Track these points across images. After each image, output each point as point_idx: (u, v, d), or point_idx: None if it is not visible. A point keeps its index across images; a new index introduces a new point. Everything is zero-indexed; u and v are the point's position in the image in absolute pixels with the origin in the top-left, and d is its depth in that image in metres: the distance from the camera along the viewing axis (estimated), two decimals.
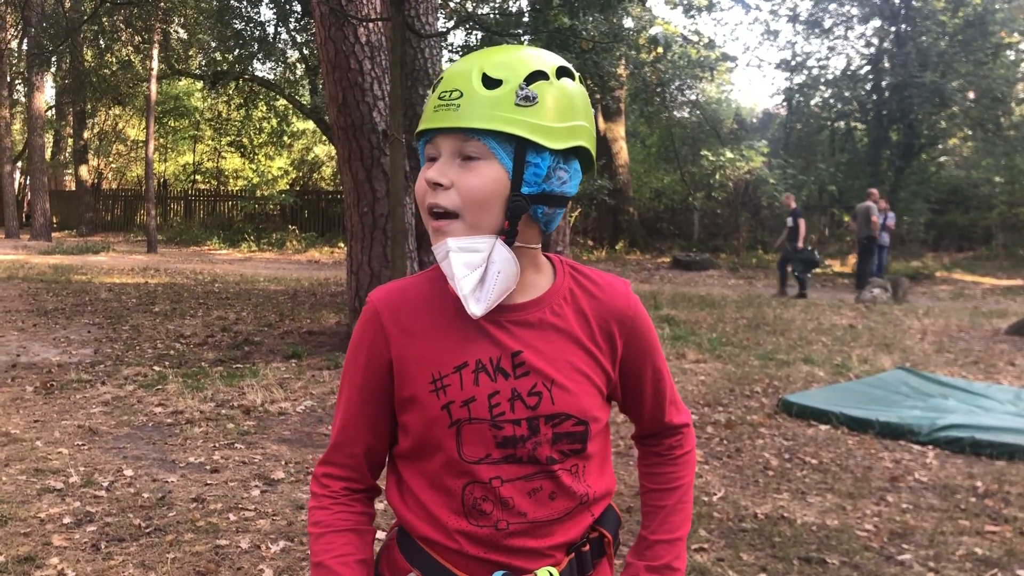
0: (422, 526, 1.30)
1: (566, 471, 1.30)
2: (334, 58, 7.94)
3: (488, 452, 1.26)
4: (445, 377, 1.26)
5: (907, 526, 4.26)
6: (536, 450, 1.26)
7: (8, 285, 13.45)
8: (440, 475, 1.28)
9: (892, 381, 7.19)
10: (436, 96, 1.22)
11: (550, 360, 1.28)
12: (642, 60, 18.13)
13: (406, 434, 1.32)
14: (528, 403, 1.26)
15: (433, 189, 1.22)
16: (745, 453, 5.48)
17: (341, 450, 1.35)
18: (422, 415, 1.27)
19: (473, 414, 1.25)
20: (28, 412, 6.00)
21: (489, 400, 1.25)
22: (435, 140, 1.23)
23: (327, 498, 1.35)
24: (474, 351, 1.26)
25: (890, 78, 22.23)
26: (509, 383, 1.26)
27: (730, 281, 18.45)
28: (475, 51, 1.31)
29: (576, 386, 1.29)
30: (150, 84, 22.70)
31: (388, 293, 1.33)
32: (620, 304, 1.35)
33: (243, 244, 25.53)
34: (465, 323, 1.27)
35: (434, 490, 1.29)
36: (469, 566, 1.28)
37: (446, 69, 1.26)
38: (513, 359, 1.27)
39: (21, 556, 3.58)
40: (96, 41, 24.84)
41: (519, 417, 1.26)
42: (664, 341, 9.44)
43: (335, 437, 1.36)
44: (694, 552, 3.85)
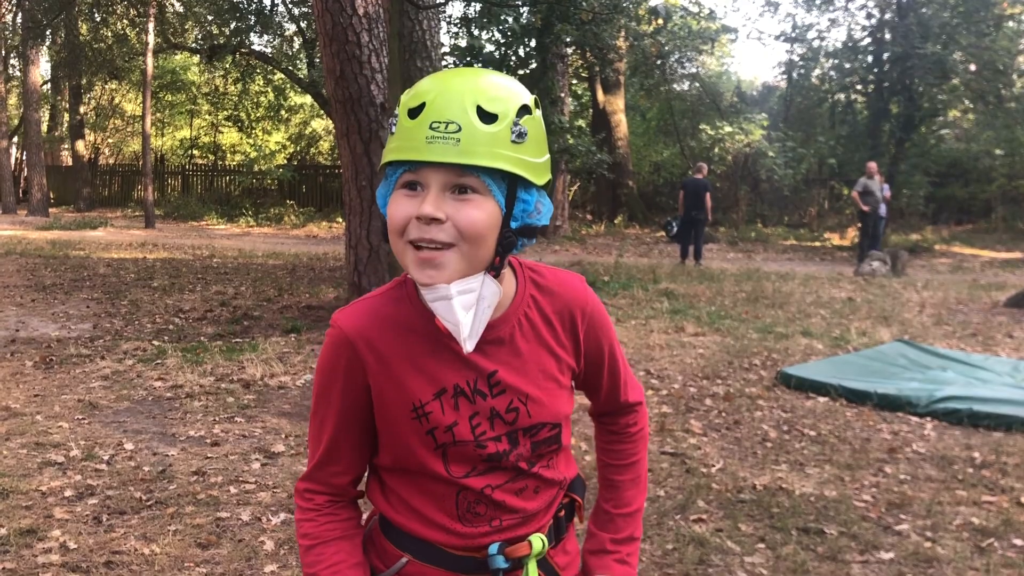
0: (414, 526, 1.35)
1: (544, 467, 1.37)
2: (331, 30, 7.88)
3: (474, 466, 1.31)
4: (426, 405, 1.28)
5: (905, 497, 4.28)
6: (518, 461, 1.33)
7: (6, 261, 13.43)
8: (430, 486, 1.33)
9: (891, 353, 7.21)
10: (426, 125, 1.17)
11: (523, 374, 1.32)
12: (642, 32, 18.00)
13: (389, 451, 1.35)
14: (506, 419, 1.31)
15: (427, 224, 1.18)
16: (744, 425, 5.50)
17: (324, 470, 1.37)
18: (404, 438, 1.30)
19: (457, 437, 1.29)
20: (28, 386, 6.01)
21: (471, 422, 1.29)
22: (421, 170, 1.19)
23: (312, 511, 1.37)
24: (451, 376, 1.29)
25: (891, 50, 22.07)
26: (487, 403, 1.30)
27: (729, 255, 18.44)
28: (447, 72, 1.26)
29: (548, 394, 1.34)
30: (146, 58, 22.52)
31: (356, 318, 1.31)
32: (579, 300, 1.38)
33: (241, 219, 25.47)
34: (438, 346, 1.29)
35: (425, 496, 1.33)
36: (463, 544, 1.34)
37: (425, 91, 1.20)
38: (489, 380, 1.30)
39: (23, 529, 3.60)
40: (91, 14, 24.60)
41: (499, 433, 1.31)
42: (663, 315, 9.45)
43: (318, 458, 1.36)
44: (693, 523, 3.88)
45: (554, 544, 1.42)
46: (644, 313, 9.53)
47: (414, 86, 1.24)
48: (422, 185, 1.20)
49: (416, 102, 1.19)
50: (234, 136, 34.17)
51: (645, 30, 18.07)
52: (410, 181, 1.21)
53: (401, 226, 1.21)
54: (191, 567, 3.35)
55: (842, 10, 25.21)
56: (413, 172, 1.20)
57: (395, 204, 1.22)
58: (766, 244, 20.95)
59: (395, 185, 1.23)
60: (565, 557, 1.46)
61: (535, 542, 1.35)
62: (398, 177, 1.22)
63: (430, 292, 1.22)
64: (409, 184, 1.21)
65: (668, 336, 8.28)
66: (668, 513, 4.00)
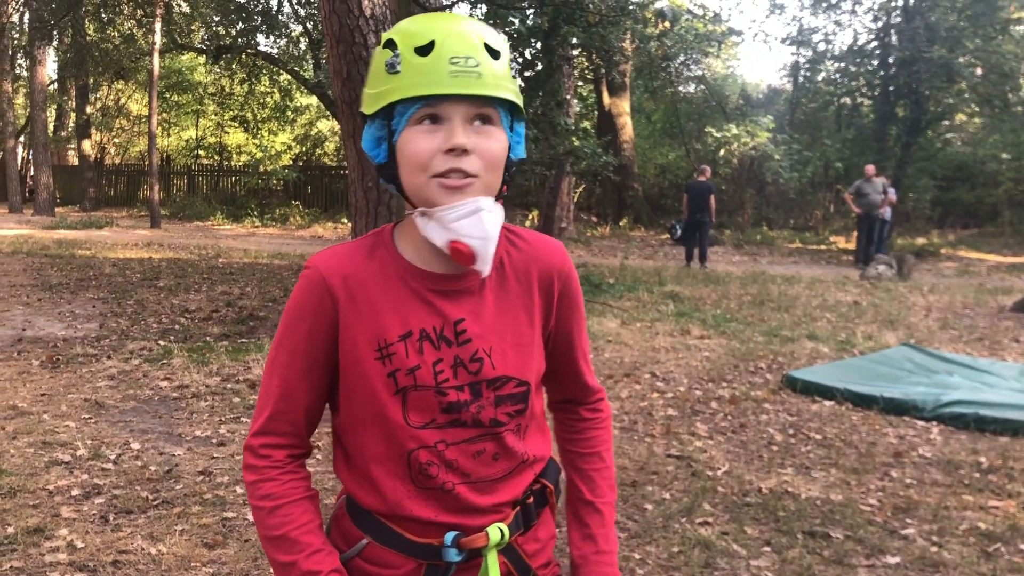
0: (369, 499, 1.33)
1: (511, 432, 1.34)
2: (338, 31, 7.88)
3: (433, 417, 1.29)
4: (391, 345, 1.28)
5: (911, 501, 4.27)
6: (480, 413, 1.30)
7: (12, 260, 13.47)
8: (386, 442, 1.30)
9: (897, 357, 7.19)
10: (445, 60, 1.19)
11: (490, 326, 1.32)
12: (648, 34, 17.98)
13: (349, 401, 1.32)
14: (470, 369, 1.30)
15: (457, 155, 1.21)
16: (749, 428, 5.49)
17: (282, 417, 1.33)
18: (367, 382, 1.29)
19: (419, 381, 1.28)
20: (35, 386, 6.02)
21: (434, 367, 1.28)
22: (442, 104, 1.21)
23: (272, 468, 1.32)
24: (417, 320, 1.29)
25: (898, 53, 22.01)
26: (452, 351, 1.29)
27: (734, 257, 18.42)
28: (436, 15, 1.28)
29: (515, 349, 1.34)
30: (153, 58, 22.57)
31: (333, 259, 1.31)
32: (557, 260, 1.39)
33: (246, 219, 25.50)
34: (407, 292, 1.30)
35: (381, 461, 1.31)
36: (421, 530, 1.31)
37: (429, 30, 1.23)
38: (455, 327, 1.30)
39: (30, 527, 3.61)
40: (98, 15, 24.60)
41: (462, 383, 1.29)
42: (668, 317, 9.45)
43: (273, 405, 1.32)
44: (699, 526, 3.87)
45: (523, 531, 1.39)
46: (650, 316, 9.53)
47: (401, 28, 1.26)
48: (443, 119, 1.22)
49: (423, 40, 1.21)
50: (240, 136, 34.22)
51: (652, 32, 18.04)
52: (431, 115, 1.22)
53: (426, 160, 1.22)
54: (198, 567, 3.35)
55: (848, 13, 25.16)
56: (432, 106, 1.22)
57: (415, 140, 1.23)
58: (771, 247, 20.93)
59: (408, 122, 1.23)
60: (535, 544, 1.43)
61: (492, 533, 1.32)
62: (412, 114, 1.23)
63: (456, 208, 1.21)
64: (430, 117, 1.22)
65: (674, 339, 8.27)
66: (674, 516, 4.00)
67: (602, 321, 9.01)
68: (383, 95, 1.24)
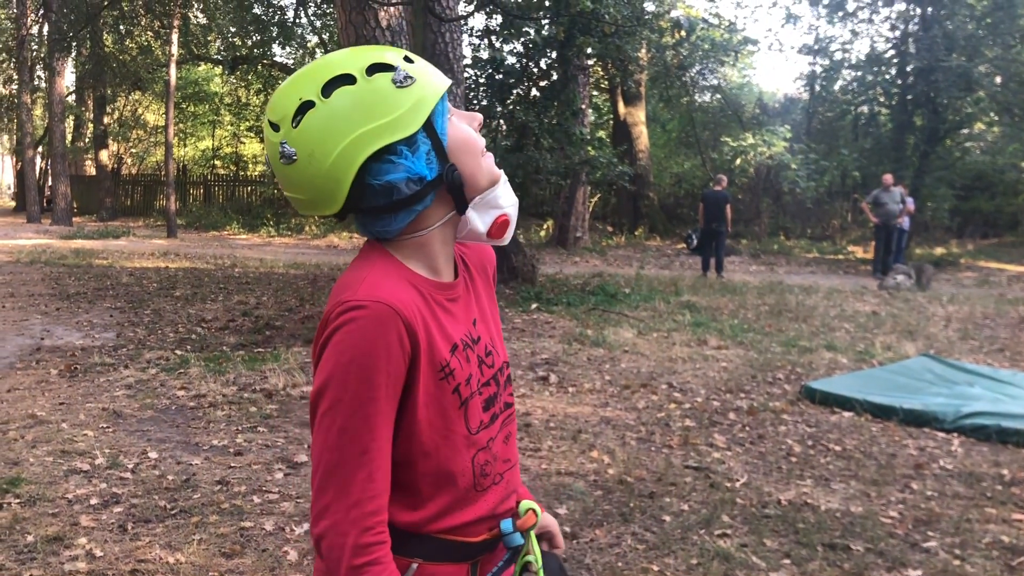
0: (431, 522, 1.30)
1: (513, 410, 1.45)
2: (355, 43, 7.92)
3: (481, 419, 1.33)
4: (448, 363, 1.28)
5: (932, 513, 4.23)
6: (502, 400, 1.39)
7: (31, 269, 13.56)
8: (453, 458, 1.29)
9: (916, 368, 7.13)
10: (431, 65, 1.31)
11: (486, 320, 1.41)
12: (664, 44, 17.98)
13: (417, 430, 1.26)
14: (487, 363, 1.37)
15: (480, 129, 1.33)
16: (768, 440, 5.45)
17: (378, 478, 1.21)
18: (437, 405, 1.27)
19: (472, 388, 1.32)
20: (53, 395, 6.05)
21: (477, 371, 1.34)
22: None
23: (380, 547, 1.20)
24: (454, 332, 1.31)
25: (915, 62, 21.89)
26: (476, 351, 1.35)
27: (751, 267, 18.35)
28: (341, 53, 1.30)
29: (500, 335, 1.44)
30: (169, 69, 22.74)
31: (390, 290, 1.22)
32: (490, 256, 1.50)
33: (262, 229, 25.60)
34: (436, 307, 1.30)
35: (449, 478, 1.29)
36: (474, 531, 1.34)
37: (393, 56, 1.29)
38: (474, 327, 1.37)
39: (50, 536, 3.62)
40: (116, 26, 24.87)
41: (487, 378, 1.36)
42: (685, 327, 9.41)
43: (369, 467, 1.19)
44: (718, 538, 3.85)
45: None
46: (666, 326, 9.49)
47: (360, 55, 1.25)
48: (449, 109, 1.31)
49: (401, 52, 1.27)
50: (256, 147, 34.43)
51: (667, 42, 18.04)
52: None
53: (477, 143, 1.31)
54: None
55: (865, 22, 25.08)
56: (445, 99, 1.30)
57: (462, 127, 1.30)
58: (788, 257, 20.83)
59: (447, 119, 1.28)
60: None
61: (538, 511, 1.41)
62: (446, 110, 1.28)
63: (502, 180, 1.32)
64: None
65: (691, 349, 8.24)
66: (692, 528, 3.97)
67: (618, 331, 8.98)
68: (420, 104, 1.23)
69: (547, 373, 6.98)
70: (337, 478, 1.19)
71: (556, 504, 4.20)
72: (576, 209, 21.02)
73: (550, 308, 10.48)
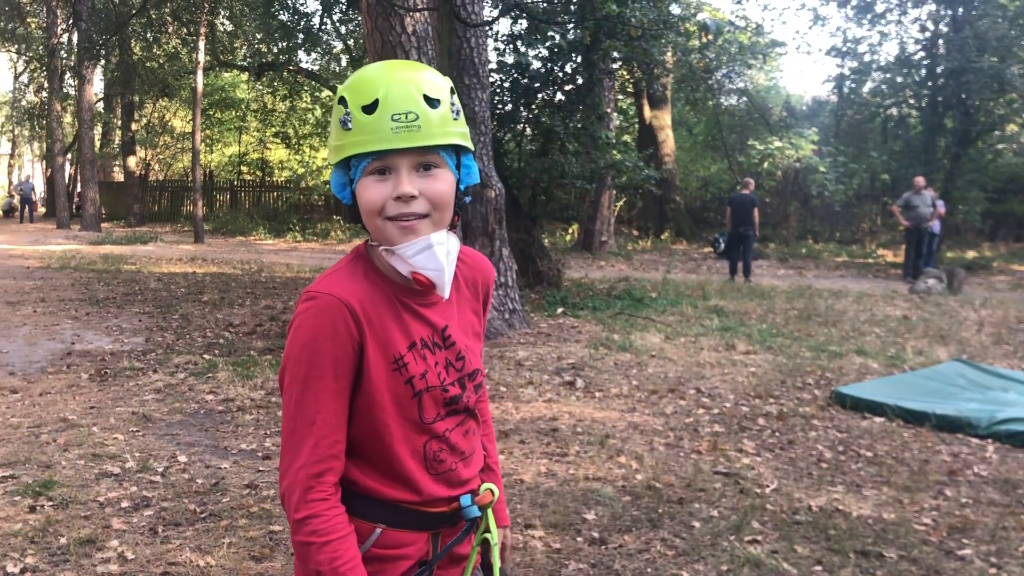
0: (390, 491, 1.47)
1: (476, 410, 1.60)
2: (381, 49, 7.94)
3: (439, 412, 1.50)
4: (404, 356, 1.45)
5: (967, 521, 4.16)
6: (467, 401, 1.55)
7: (61, 275, 13.73)
8: (405, 441, 1.46)
9: (949, 373, 7.03)
10: (387, 118, 1.36)
11: (462, 328, 1.56)
12: (690, 47, 17.88)
13: (370, 410, 1.44)
14: (456, 367, 1.53)
15: (406, 201, 1.39)
16: (798, 445, 5.39)
17: (324, 443, 1.40)
18: (388, 392, 1.44)
19: (429, 383, 1.47)
20: (84, 398, 6.11)
21: (436, 369, 1.49)
22: (389, 157, 1.38)
23: (320, 502, 1.39)
24: (416, 331, 1.48)
25: (946, 63, 21.62)
26: (443, 354, 1.51)
27: (779, 271, 18.20)
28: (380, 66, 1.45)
29: (477, 346, 1.60)
30: (196, 76, 22.96)
31: (341, 284, 1.42)
32: (489, 275, 1.66)
33: (288, 234, 25.78)
34: (401, 308, 1.47)
35: (401, 457, 1.46)
36: (433, 504, 1.51)
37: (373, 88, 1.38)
38: (443, 333, 1.51)
39: (83, 538, 3.65)
40: (144, 34, 25.14)
41: (454, 379, 1.52)
42: (713, 332, 9.34)
43: (316, 435, 1.39)
44: (748, 544, 3.80)
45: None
46: (694, 330, 9.43)
47: (350, 85, 1.42)
48: (391, 169, 1.39)
49: (368, 99, 1.38)
50: (282, 152, 34.68)
51: (694, 45, 17.94)
52: (379, 168, 1.39)
53: (378, 207, 1.40)
54: None
55: (894, 24, 24.82)
56: (380, 160, 1.39)
57: (368, 190, 1.40)
58: (817, 261, 20.65)
59: (362, 173, 1.41)
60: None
61: (494, 490, 1.60)
62: (365, 166, 1.40)
63: (411, 246, 1.41)
64: (378, 171, 1.40)
65: (719, 354, 8.17)
66: (722, 534, 3.93)
67: (645, 336, 8.93)
68: (340, 149, 1.41)
69: (573, 378, 6.96)
70: (292, 444, 1.41)
71: (584, 509, 4.17)
72: (601, 213, 20.97)
73: (576, 313, 10.45)
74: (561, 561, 3.63)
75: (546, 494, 4.37)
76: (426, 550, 1.52)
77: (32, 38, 31.99)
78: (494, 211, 8.97)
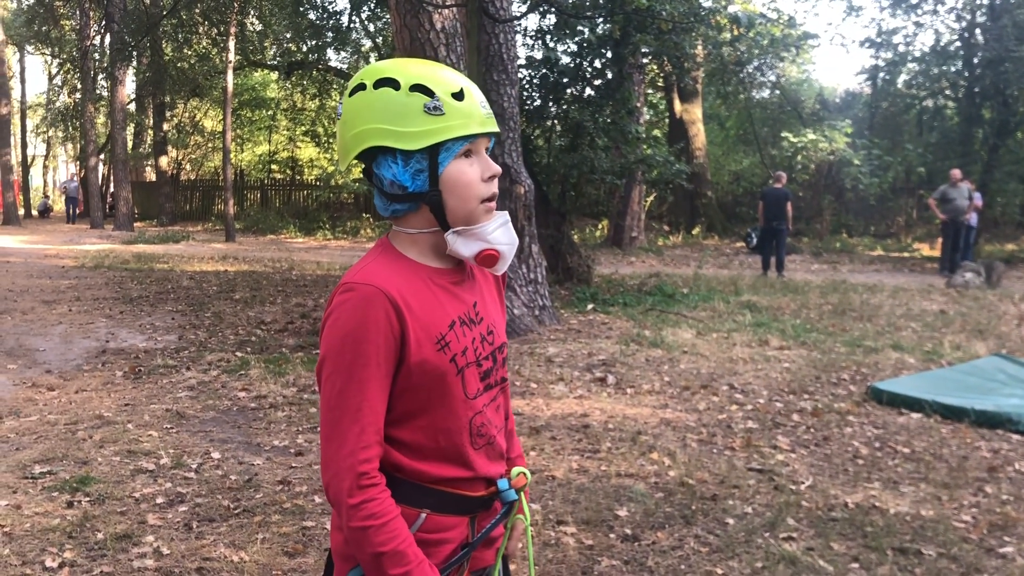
0: (437, 471, 1.50)
1: (507, 384, 1.68)
2: (410, 46, 7.95)
3: (478, 387, 1.54)
4: (446, 335, 1.49)
5: (1008, 518, 4.08)
6: (498, 374, 1.61)
7: (95, 274, 13.90)
8: (451, 417, 1.50)
9: (988, 368, 6.91)
10: (478, 104, 1.46)
11: (488, 303, 1.62)
12: (721, 40, 17.69)
13: (415, 393, 1.47)
14: (489, 340, 1.58)
15: (492, 181, 1.50)
16: (833, 441, 5.32)
17: (370, 430, 1.42)
18: (435, 371, 1.47)
19: (468, 359, 1.52)
20: (119, 396, 6.18)
21: (473, 345, 1.54)
22: (477, 140, 1.48)
23: (373, 487, 1.41)
24: (452, 310, 1.52)
25: (983, 53, 21.25)
26: (477, 329, 1.56)
27: (813, 266, 18.01)
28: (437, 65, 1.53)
29: (502, 320, 1.66)
30: (227, 76, 23.15)
31: (379, 275, 1.45)
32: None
33: (318, 232, 25.92)
34: (436, 288, 1.52)
35: (448, 434, 1.50)
36: (472, 487, 1.55)
37: (453, 79, 1.47)
38: (474, 308, 1.57)
39: (119, 534, 3.69)
40: (175, 35, 25.41)
41: (487, 352, 1.57)
42: (745, 328, 9.26)
43: (362, 422, 1.41)
44: (783, 541, 3.76)
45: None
46: (726, 326, 9.35)
47: (423, 75, 1.46)
48: (474, 153, 1.48)
49: (455, 87, 1.45)
50: (312, 151, 34.87)
51: (724, 38, 17.76)
52: (467, 151, 1.47)
53: (477, 188, 1.48)
54: (279, 575, 3.37)
55: (929, 14, 24.42)
56: (471, 143, 1.47)
57: (466, 170, 1.47)
58: (851, 255, 20.41)
59: (454, 157, 1.46)
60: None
61: (527, 474, 1.64)
62: (458, 150, 1.46)
63: (492, 223, 1.50)
64: (465, 154, 1.47)
65: (752, 350, 8.09)
66: (757, 530, 3.88)
67: (676, 331, 8.87)
68: (432, 133, 1.43)
69: (604, 374, 6.92)
70: (337, 433, 1.42)
71: (616, 506, 4.15)
72: (632, 208, 20.86)
73: (606, 309, 10.40)
74: (594, 557, 3.61)
75: (578, 490, 4.35)
76: (466, 534, 1.56)
77: (65, 41, 32.40)
78: (523, 207, 8.95)
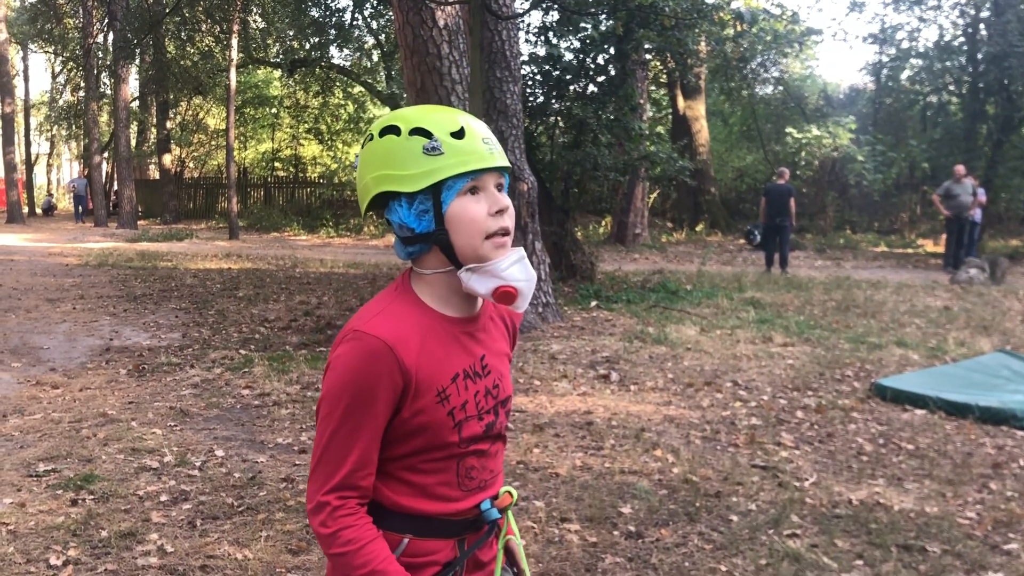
0: (422, 505, 1.51)
1: (505, 433, 1.66)
2: (412, 43, 7.95)
3: (476, 435, 1.54)
4: (446, 388, 1.49)
5: (1013, 515, 4.08)
6: (500, 426, 1.60)
7: (99, 272, 13.91)
8: (442, 460, 1.51)
9: (992, 364, 6.90)
10: (479, 140, 1.45)
11: (496, 356, 1.60)
12: (724, 36, 17.66)
13: (410, 438, 1.49)
14: (494, 394, 1.58)
15: (502, 215, 1.47)
16: (837, 438, 5.32)
17: (355, 476, 1.44)
18: (431, 421, 1.48)
19: (468, 413, 1.52)
20: (123, 394, 6.18)
21: (475, 399, 1.53)
22: (482, 177, 1.45)
23: (348, 516, 1.44)
24: (458, 362, 1.52)
25: (988, 48, 21.18)
26: (482, 382, 1.55)
27: (816, 262, 17.98)
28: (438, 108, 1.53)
29: (508, 372, 1.65)
30: (230, 73, 23.14)
31: (389, 326, 1.45)
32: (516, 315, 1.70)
33: (321, 230, 25.91)
34: (447, 338, 1.51)
35: (429, 472, 1.51)
36: (459, 513, 1.55)
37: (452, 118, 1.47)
38: (481, 361, 1.56)
39: (123, 531, 3.69)
40: (178, 33, 25.42)
41: (490, 407, 1.56)
42: (749, 324, 9.25)
43: (350, 466, 1.44)
44: (787, 538, 3.76)
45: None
46: (730, 323, 9.34)
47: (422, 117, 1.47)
48: (481, 188, 1.46)
49: (455, 127, 1.45)
50: (315, 148, 34.87)
51: (727, 34, 17.73)
52: (472, 187, 1.45)
53: (483, 223, 1.45)
54: (283, 572, 3.37)
55: (933, 9, 24.34)
56: (476, 179, 1.45)
57: (470, 207, 1.45)
58: (855, 251, 20.38)
59: (458, 194, 1.44)
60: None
61: (513, 493, 1.63)
62: (460, 187, 1.44)
63: (506, 259, 1.47)
64: (471, 190, 1.45)
65: (755, 346, 8.09)
66: (761, 527, 3.88)
67: (680, 328, 8.86)
68: (432, 173, 1.43)
69: (608, 371, 6.92)
70: (324, 470, 1.45)
71: (620, 503, 4.14)
72: (635, 205, 20.83)
73: (610, 306, 10.39)
74: (597, 555, 3.61)
75: (582, 487, 4.35)
76: (452, 555, 1.56)
77: (68, 39, 32.42)
78: (526, 204, 8.95)
